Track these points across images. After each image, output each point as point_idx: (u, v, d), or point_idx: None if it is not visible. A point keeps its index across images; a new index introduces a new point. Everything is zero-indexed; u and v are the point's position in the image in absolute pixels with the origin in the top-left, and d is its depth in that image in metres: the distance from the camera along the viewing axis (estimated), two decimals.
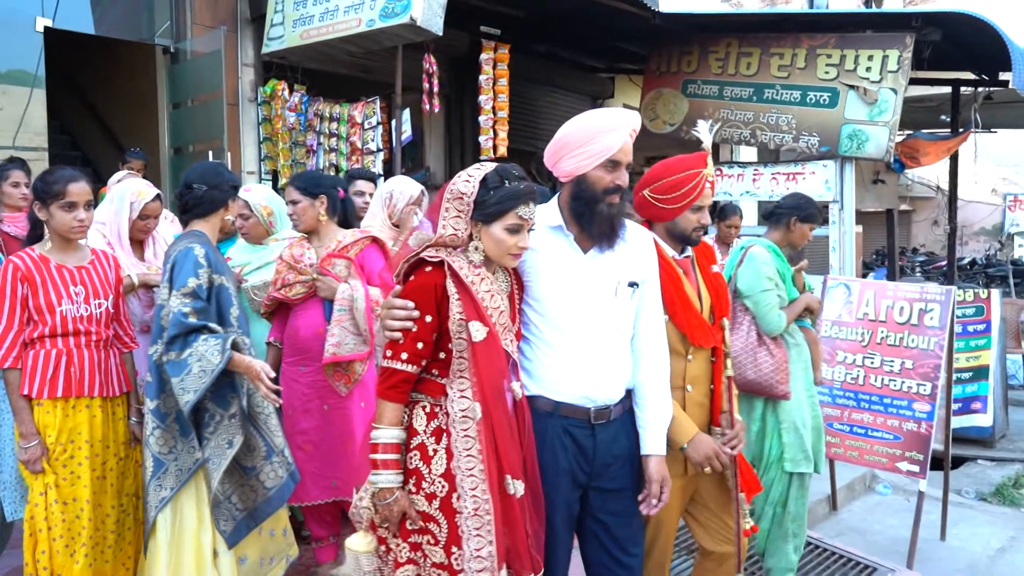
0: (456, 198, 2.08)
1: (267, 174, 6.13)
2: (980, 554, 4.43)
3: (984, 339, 6.52)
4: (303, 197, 3.24)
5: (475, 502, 2.01)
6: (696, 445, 2.40)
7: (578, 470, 2.23)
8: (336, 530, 3.41)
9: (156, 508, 2.72)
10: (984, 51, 6.23)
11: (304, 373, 3.21)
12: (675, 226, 2.53)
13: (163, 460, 2.73)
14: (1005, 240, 17.29)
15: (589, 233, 2.22)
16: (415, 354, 2.04)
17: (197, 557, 2.76)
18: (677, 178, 2.48)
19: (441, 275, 2.06)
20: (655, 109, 7.11)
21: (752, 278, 3.38)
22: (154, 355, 2.70)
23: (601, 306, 2.23)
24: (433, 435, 2.06)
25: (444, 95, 6.90)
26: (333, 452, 3.20)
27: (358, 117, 5.72)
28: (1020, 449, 6.38)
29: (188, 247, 2.73)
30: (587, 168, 2.19)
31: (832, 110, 6.16)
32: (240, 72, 5.97)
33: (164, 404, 2.72)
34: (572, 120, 2.27)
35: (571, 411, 2.22)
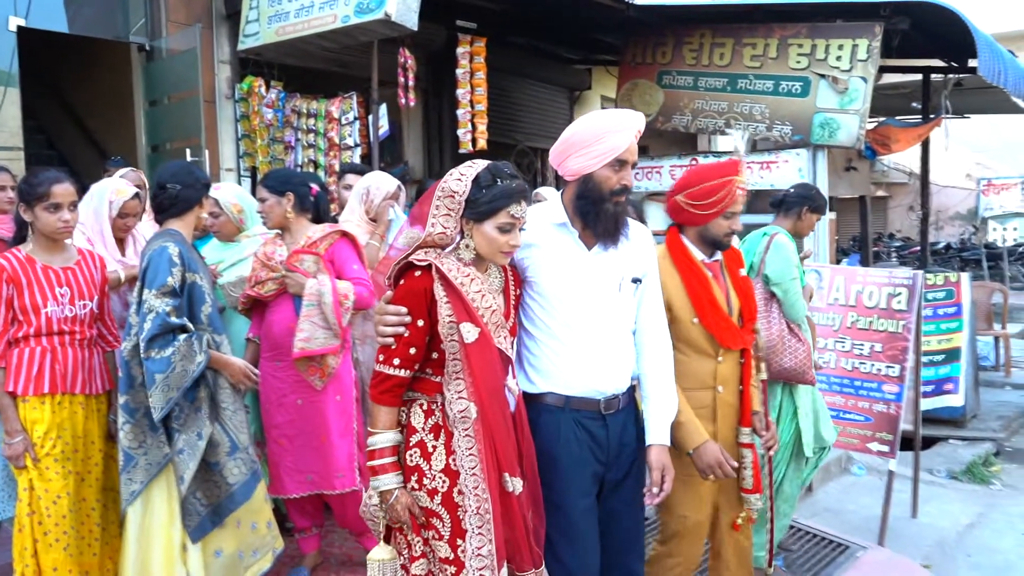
0: (447, 196, 2.08)
1: (246, 171, 6.15)
2: (949, 530, 4.56)
3: (955, 322, 6.67)
4: (270, 195, 3.30)
5: (476, 500, 2.05)
6: (702, 453, 2.47)
7: (594, 461, 2.29)
8: (319, 520, 3.47)
9: (126, 501, 2.77)
10: (952, 39, 6.33)
11: (279, 368, 3.27)
12: (707, 231, 2.61)
13: (133, 454, 2.78)
14: (979, 224, 17.55)
15: (594, 231, 2.26)
16: (408, 359, 2.06)
17: (166, 551, 2.81)
18: (711, 185, 2.56)
19: (430, 279, 2.06)
20: (631, 100, 7.17)
21: (782, 266, 3.50)
22: (124, 351, 2.75)
23: (607, 302, 2.29)
24: (432, 432, 2.10)
25: (421, 89, 6.94)
26: (308, 446, 3.25)
27: (335, 113, 5.75)
28: (990, 428, 6.53)
29: (162, 246, 2.78)
30: (594, 167, 2.23)
31: (804, 99, 6.24)
32: (216, 69, 5.98)
33: (133, 399, 2.77)
34: (579, 120, 2.31)
35: (582, 404, 2.27)
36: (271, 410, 3.30)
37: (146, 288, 2.73)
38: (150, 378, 2.70)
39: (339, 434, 3.27)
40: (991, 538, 4.53)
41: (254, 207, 3.62)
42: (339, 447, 3.26)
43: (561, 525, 2.23)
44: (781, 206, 3.78)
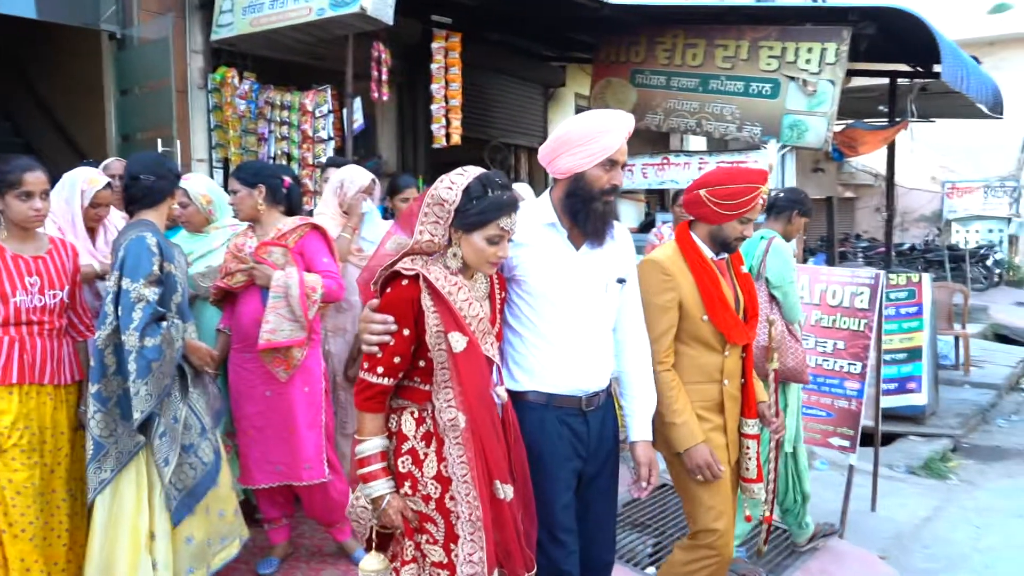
0: (436, 204, 2.07)
1: (218, 162, 6.12)
2: (907, 523, 4.68)
3: (916, 321, 6.83)
4: (241, 186, 3.31)
5: (468, 507, 2.06)
6: (693, 454, 2.56)
7: (576, 457, 2.33)
8: (289, 511, 3.49)
9: (95, 490, 2.78)
10: (918, 44, 6.49)
11: (248, 359, 3.29)
12: (720, 231, 2.67)
13: (103, 443, 2.78)
14: (943, 226, 17.93)
15: (583, 230, 2.28)
16: (392, 367, 2.06)
17: (133, 540, 2.81)
18: (737, 188, 2.61)
19: (417, 289, 2.05)
20: (604, 98, 7.24)
21: (782, 269, 3.62)
22: (97, 340, 2.75)
23: (593, 301, 2.33)
24: (423, 439, 2.10)
25: (396, 83, 6.94)
26: (276, 437, 3.28)
27: (309, 105, 5.74)
28: (948, 425, 6.71)
29: (140, 235, 2.79)
30: (586, 166, 2.25)
31: (774, 101, 6.36)
32: (189, 59, 5.93)
33: (106, 388, 2.78)
34: (572, 120, 2.34)
35: (565, 401, 2.30)
36: (241, 401, 3.32)
37: (127, 277, 2.73)
38: (144, 367, 2.71)
39: (307, 426, 3.29)
40: (946, 530, 4.67)
41: (224, 198, 3.64)
42: (307, 439, 3.28)
43: (545, 521, 2.26)
44: (772, 209, 3.91)
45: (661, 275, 2.64)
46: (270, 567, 3.41)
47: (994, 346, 10.60)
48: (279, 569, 3.43)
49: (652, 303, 2.61)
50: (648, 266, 2.67)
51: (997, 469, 5.91)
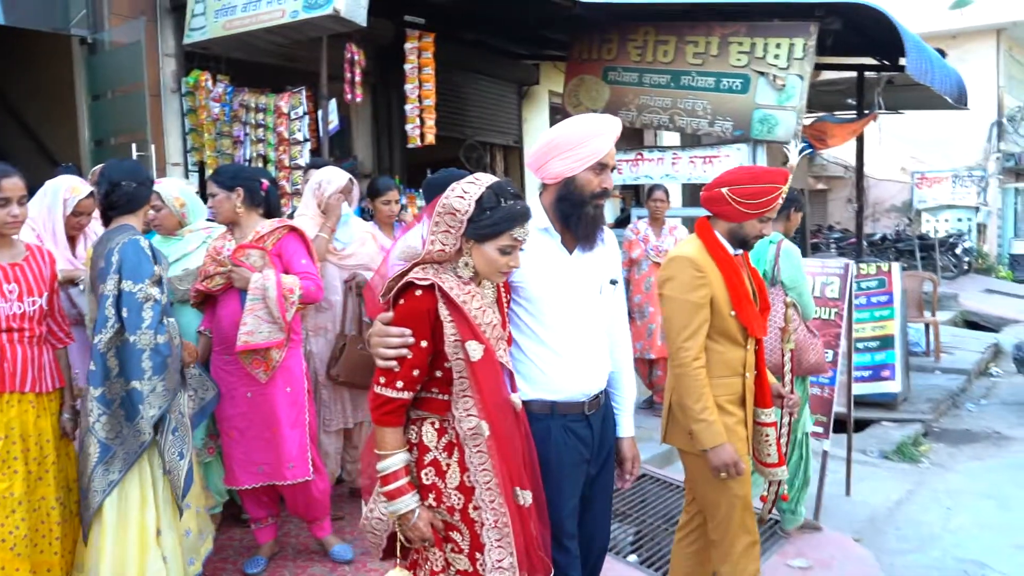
0: (448, 213, 2.05)
1: (194, 166, 6.11)
2: (880, 506, 4.80)
3: (888, 310, 6.97)
4: (219, 190, 3.34)
5: (494, 514, 2.05)
6: (720, 452, 2.60)
7: (582, 462, 2.34)
8: (274, 511, 3.52)
9: (104, 492, 2.80)
10: (883, 38, 6.60)
11: (229, 361, 3.32)
12: (740, 228, 2.72)
13: (110, 445, 2.81)
14: (913, 216, 18.22)
15: (575, 234, 2.29)
16: (411, 380, 2.03)
17: (141, 536, 2.85)
18: (760, 187, 2.65)
19: (432, 299, 2.02)
20: (578, 95, 7.30)
21: (795, 271, 3.75)
22: (99, 344, 2.78)
23: (590, 304, 2.34)
24: (445, 450, 2.08)
25: (370, 84, 6.97)
26: (259, 438, 3.31)
27: (284, 107, 5.75)
28: (920, 411, 6.86)
29: (132, 239, 2.83)
30: (576, 170, 2.25)
31: (744, 96, 6.43)
32: (161, 63, 5.92)
33: (109, 390, 2.81)
34: (561, 124, 2.33)
35: (568, 408, 2.30)
36: (222, 403, 3.35)
37: (129, 279, 2.78)
38: (160, 364, 2.79)
39: (290, 425, 3.32)
40: (918, 512, 4.80)
41: (196, 201, 3.67)
42: (290, 438, 3.31)
43: (552, 528, 2.27)
44: None
45: (695, 272, 2.66)
46: (257, 566, 3.44)
47: (964, 332, 10.83)
48: (266, 568, 3.46)
49: (687, 300, 2.65)
50: (681, 263, 2.69)
51: (966, 452, 6.06)
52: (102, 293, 2.81)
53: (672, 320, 2.70)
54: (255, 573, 3.41)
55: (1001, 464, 5.75)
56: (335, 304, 3.85)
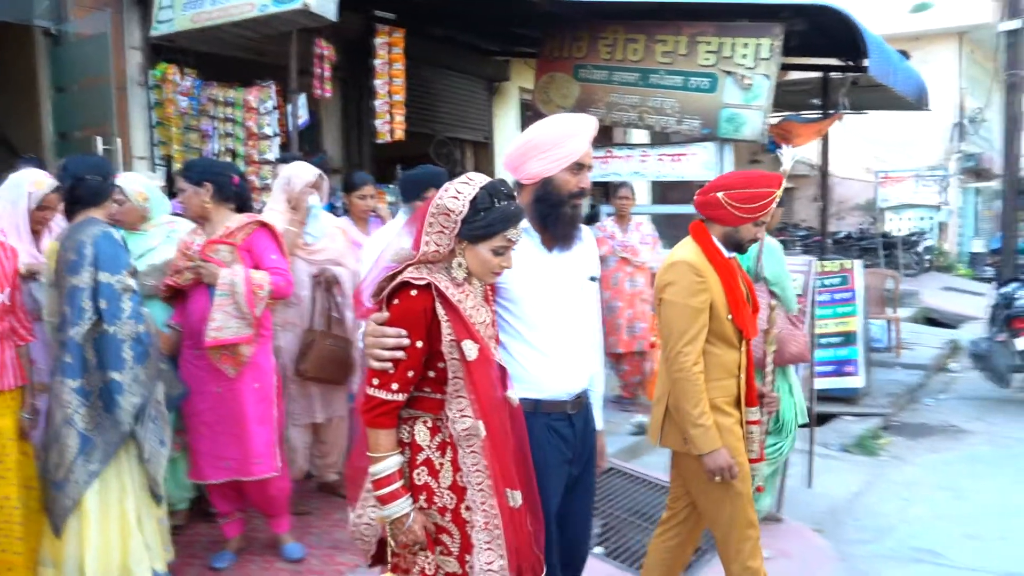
0: (442, 213, 2.03)
1: (160, 159, 6.05)
2: (840, 498, 4.92)
3: (850, 306, 7.12)
4: (188, 185, 3.35)
5: (485, 516, 2.04)
6: (716, 456, 2.65)
7: (564, 462, 2.35)
8: (241, 505, 3.53)
9: (85, 483, 2.84)
10: (847, 40, 6.72)
11: (198, 356, 3.32)
12: (736, 232, 2.75)
13: (90, 436, 2.85)
14: (877, 215, 18.56)
15: (553, 234, 2.31)
16: (406, 382, 2.01)
17: (123, 525, 2.92)
18: (755, 191, 2.69)
19: (428, 298, 2.00)
20: (548, 92, 7.33)
21: (779, 267, 3.82)
22: (76, 337, 2.80)
23: (572, 302, 2.37)
24: (439, 449, 2.06)
25: (339, 79, 6.94)
26: (227, 433, 3.32)
27: (253, 102, 5.72)
28: (880, 405, 7.02)
29: (105, 231, 2.87)
30: (554, 171, 2.27)
31: (712, 95, 6.52)
32: (127, 55, 5.85)
33: (88, 382, 2.85)
34: (538, 124, 2.34)
35: (552, 407, 2.31)
36: (191, 397, 3.35)
37: (105, 271, 2.81)
38: (142, 353, 2.85)
39: (257, 421, 3.33)
40: (876, 503, 4.92)
41: (160, 195, 3.67)
42: (257, 434, 3.32)
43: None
44: None
45: (695, 277, 2.68)
46: (224, 561, 3.44)
47: (924, 329, 11.08)
48: (233, 563, 3.46)
49: (687, 305, 2.66)
50: (681, 268, 2.71)
51: (924, 445, 6.22)
52: (75, 286, 2.82)
53: (672, 325, 2.70)
54: (222, 568, 3.41)
55: (956, 457, 5.91)
56: (303, 299, 3.85)
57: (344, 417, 4.14)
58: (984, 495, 5.04)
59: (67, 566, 2.88)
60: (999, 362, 7.23)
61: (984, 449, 6.08)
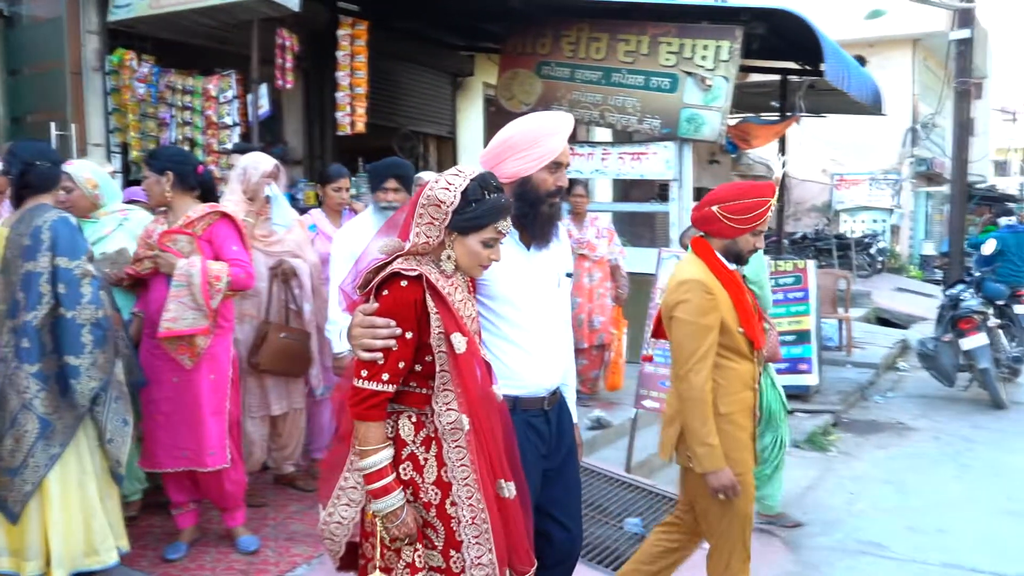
0: (433, 204, 2.02)
1: (117, 147, 5.95)
2: (790, 492, 5.03)
3: (803, 306, 7.28)
4: (150, 172, 3.34)
5: (472, 511, 2.02)
6: (721, 476, 2.67)
7: (541, 459, 2.36)
8: (196, 495, 3.51)
9: (47, 466, 2.85)
10: (805, 44, 6.88)
11: (156, 345, 3.31)
12: (735, 244, 2.76)
13: (50, 420, 2.86)
14: (832, 216, 18.96)
15: (531, 232, 2.31)
16: (396, 373, 1.99)
17: (86, 506, 2.95)
18: (749, 202, 2.70)
19: (419, 289, 1.99)
20: (511, 88, 7.37)
21: (759, 267, 3.91)
22: (34, 321, 2.81)
23: (550, 298, 2.38)
24: (423, 444, 2.05)
25: (302, 69, 6.89)
26: (184, 423, 3.31)
27: (213, 91, 5.65)
28: (830, 402, 7.19)
29: (62, 216, 2.88)
30: (532, 170, 2.27)
31: (672, 95, 6.61)
32: (84, 40, 5.73)
33: (46, 367, 2.86)
34: (515, 123, 2.33)
35: (529, 403, 2.32)
36: (149, 386, 3.34)
37: (64, 256, 2.82)
38: (102, 337, 2.86)
39: (211, 412, 3.33)
40: (824, 497, 5.06)
41: (111, 183, 3.64)
42: (211, 425, 3.32)
43: None
44: None
45: (706, 294, 2.69)
46: (178, 552, 3.42)
47: (875, 329, 11.37)
48: (187, 554, 3.44)
49: (699, 323, 2.67)
50: (692, 286, 2.71)
51: (872, 441, 6.40)
52: (30, 271, 2.83)
53: (683, 344, 2.71)
54: (175, 559, 3.39)
55: (902, 452, 6.09)
56: (260, 291, 3.83)
57: (302, 409, 4.13)
58: (926, 489, 5.22)
59: (29, 552, 2.89)
60: (945, 362, 7.46)
61: (928, 445, 6.28)
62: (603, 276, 6.04)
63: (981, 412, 7.23)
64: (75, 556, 2.93)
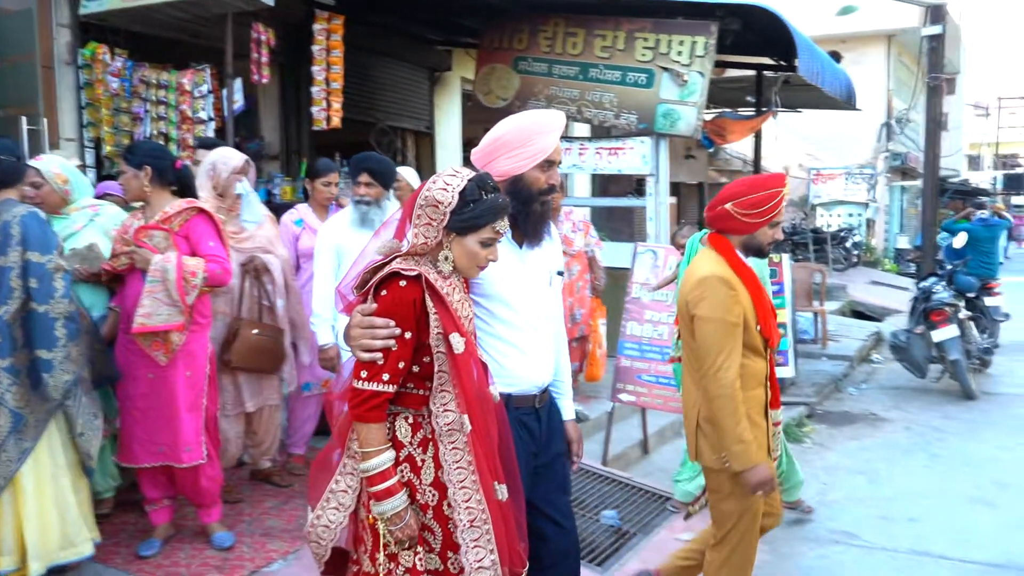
0: (431, 205, 2.02)
1: (90, 141, 5.89)
2: None
3: (779, 299, 7.33)
4: (128, 167, 3.33)
5: (470, 513, 2.01)
6: (758, 472, 2.63)
7: (531, 456, 2.36)
8: (170, 492, 3.50)
9: (19, 460, 2.87)
10: (780, 40, 6.93)
11: (132, 340, 3.29)
12: (753, 239, 2.75)
13: (22, 414, 2.88)
14: (809, 211, 19.14)
15: (524, 230, 2.31)
16: (397, 373, 1.98)
17: (59, 499, 2.96)
18: (761, 195, 2.68)
19: (418, 289, 1.99)
20: (489, 84, 7.37)
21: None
22: (5, 316, 2.81)
23: (542, 296, 2.38)
24: (420, 446, 2.04)
25: (278, 63, 6.85)
26: (160, 419, 3.31)
27: (187, 85, 5.61)
28: (805, 394, 7.29)
29: (31, 211, 2.88)
30: (524, 168, 2.26)
31: (649, 90, 6.64)
32: (55, 33, 5.66)
33: (17, 360, 2.87)
34: (507, 121, 2.33)
35: (521, 401, 2.32)
36: (125, 382, 3.34)
37: (35, 251, 2.83)
38: (74, 331, 2.89)
39: (187, 408, 3.33)
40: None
41: (81, 179, 3.62)
42: (187, 421, 3.32)
43: None
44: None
45: (728, 290, 2.67)
46: (151, 549, 3.41)
47: (850, 321, 11.51)
48: (160, 551, 3.43)
49: (724, 320, 2.64)
50: (713, 282, 2.68)
51: (845, 432, 6.49)
52: (1, 266, 2.83)
53: (710, 341, 2.67)
54: (149, 555, 3.38)
55: (874, 443, 6.19)
56: (232, 288, 3.82)
57: (278, 405, 4.13)
58: (897, 479, 5.31)
59: (4, 546, 2.90)
60: (917, 353, 7.57)
61: (900, 436, 6.38)
62: (582, 269, 6.06)
63: (952, 403, 7.35)
64: (51, 549, 2.94)
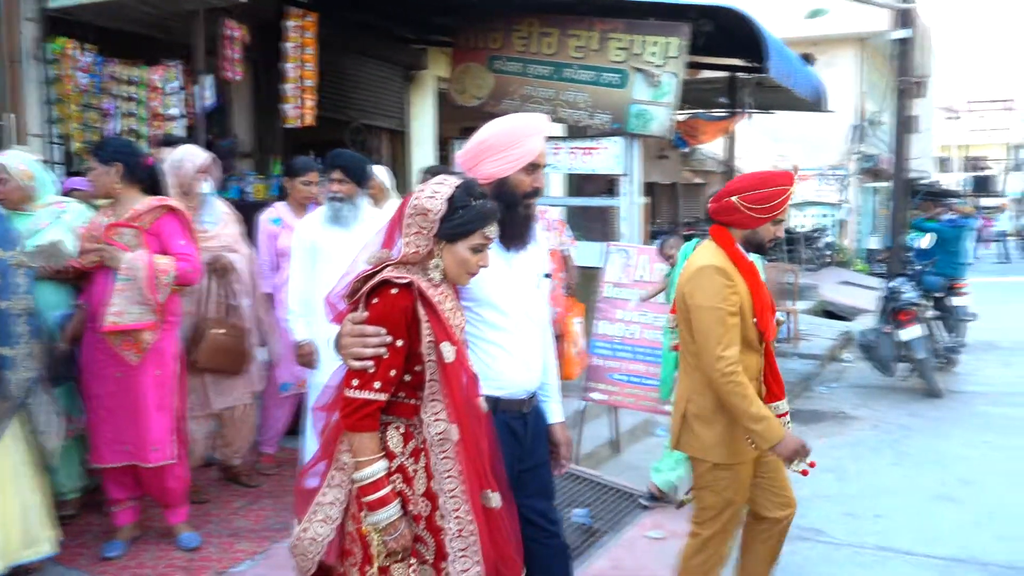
0: (419, 214, 2.02)
1: (58, 138, 5.82)
2: None
3: None
4: (98, 164, 3.29)
5: (458, 523, 2.01)
6: (788, 442, 2.64)
7: (516, 461, 2.34)
8: (135, 493, 3.47)
9: None
10: (751, 42, 6.99)
11: (99, 339, 3.26)
12: (755, 235, 2.74)
13: None
14: None
15: (510, 234, 2.29)
16: (388, 381, 1.98)
17: (20, 498, 2.94)
18: (769, 191, 2.67)
19: (410, 297, 1.98)
20: (463, 82, 7.36)
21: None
22: None
23: (530, 299, 2.38)
24: (412, 456, 2.04)
25: (251, 61, 6.79)
26: (126, 418, 3.28)
27: (158, 81, 5.56)
28: None
29: None
30: (509, 171, 2.25)
31: (622, 90, 6.67)
32: (21, 27, 5.58)
33: None
34: (492, 124, 2.33)
35: (509, 405, 2.31)
36: (91, 381, 3.31)
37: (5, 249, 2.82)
38: (37, 328, 2.89)
39: (156, 407, 3.31)
40: None
41: (47, 175, 3.56)
42: (156, 420, 3.30)
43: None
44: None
45: (724, 280, 2.66)
46: (115, 550, 3.38)
47: (820, 321, 11.64)
48: (125, 552, 3.40)
49: (718, 308, 2.63)
50: (709, 272, 2.68)
51: (815, 430, 6.57)
52: None
53: (707, 331, 2.66)
54: (113, 556, 3.35)
55: (843, 441, 6.27)
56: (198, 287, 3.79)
57: (250, 405, 4.10)
58: (864, 476, 5.39)
59: None
60: (885, 352, 7.69)
61: (868, 434, 6.47)
62: (557, 268, 6.08)
63: (918, 401, 7.47)
64: (13, 548, 2.91)
